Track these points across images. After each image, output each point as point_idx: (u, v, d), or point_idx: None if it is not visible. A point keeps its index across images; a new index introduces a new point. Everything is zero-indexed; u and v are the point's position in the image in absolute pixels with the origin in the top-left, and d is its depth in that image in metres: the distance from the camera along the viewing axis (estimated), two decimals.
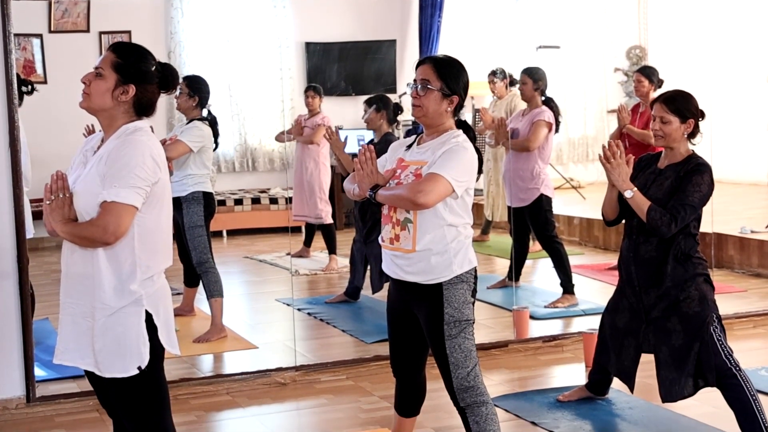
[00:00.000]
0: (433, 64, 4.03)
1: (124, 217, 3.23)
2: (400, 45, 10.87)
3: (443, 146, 3.98)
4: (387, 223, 4.09)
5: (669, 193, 4.59)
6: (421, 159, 4.03)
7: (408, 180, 3.98)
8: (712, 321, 4.59)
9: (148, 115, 3.46)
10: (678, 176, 4.61)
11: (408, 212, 3.98)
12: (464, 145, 3.99)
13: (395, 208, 4.03)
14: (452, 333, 4.01)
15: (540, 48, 10.53)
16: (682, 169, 4.62)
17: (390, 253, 4.09)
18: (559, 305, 7.44)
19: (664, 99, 4.68)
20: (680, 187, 4.56)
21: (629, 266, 4.76)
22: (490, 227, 10.07)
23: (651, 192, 4.64)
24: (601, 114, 12.23)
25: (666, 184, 4.62)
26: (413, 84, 4.03)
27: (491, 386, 5.60)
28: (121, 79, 3.36)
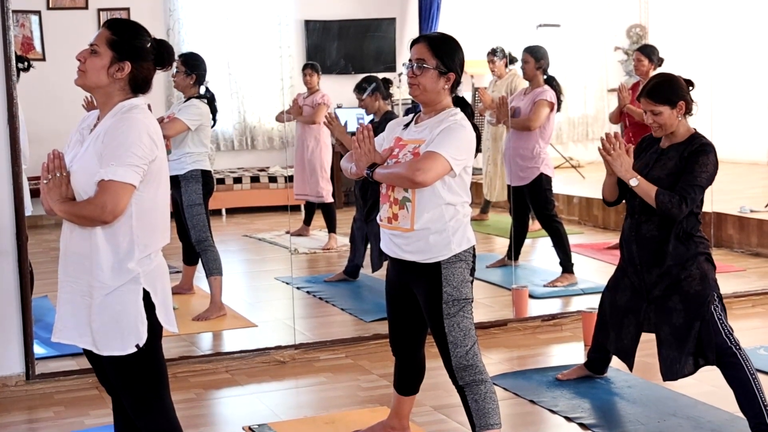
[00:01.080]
0: (428, 42, 4.02)
1: (122, 195, 3.22)
2: (400, 23, 10.85)
3: (441, 124, 3.97)
4: (385, 203, 4.08)
5: (672, 173, 4.57)
6: (419, 137, 4.02)
7: (406, 158, 3.97)
8: (713, 300, 4.59)
9: (144, 92, 3.44)
10: (682, 156, 4.60)
11: (406, 191, 3.97)
12: (462, 123, 3.98)
13: (393, 187, 4.02)
14: (451, 312, 4.01)
15: (540, 26, 10.50)
16: (686, 150, 4.60)
17: (388, 232, 4.08)
18: (558, 284, 7.44)
19: (648, 92, 4.63)
20: (687, 168, 4.55)
21: (631, 245, 4.76)
22: (489, 206, 10.07)
23: (654, 172, 4.63)
24: (601, 93, 12.21)
25: (669, 164, 4.61)
26: (409, 63, 4.02)
27: (490, 365, 5.61)
28: (116, 56, 3.34)
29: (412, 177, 3.86)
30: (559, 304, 7.18)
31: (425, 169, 3.86)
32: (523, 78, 7.77)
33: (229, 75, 10.45)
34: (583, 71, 12.14)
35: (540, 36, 10.05)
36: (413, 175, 3.86)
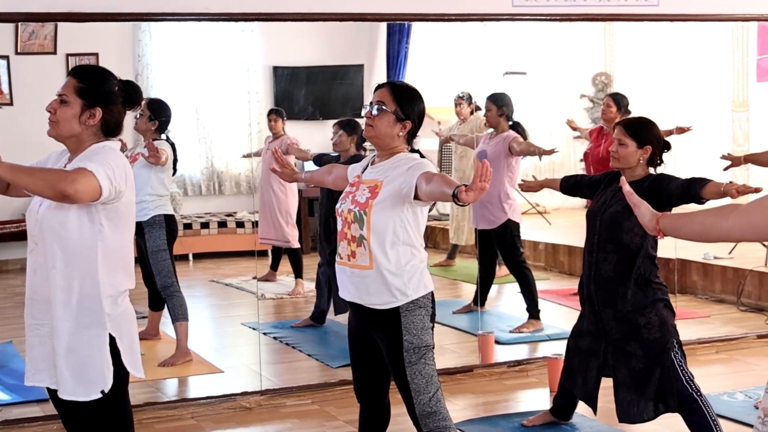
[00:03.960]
0: (391, 88, 4.11)
1: (88, 180, 3.17)
2: (368, 70, 10.93)
3: (398, 166, 4.01)
4: (342, 240, 4.10)
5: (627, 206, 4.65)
6: (374, 178, 4.06)
7: (363, 195, 4.01)
8: (673, 347, 4.64)
9: (116, 135, 3.47)
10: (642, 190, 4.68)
11: (361, 228, 4.00)
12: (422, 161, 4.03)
13: (350, 224, 4.04)
14: (412, 360, 4.02)
15: (507, 74, 10.62)
16: (646, 181, 4.71)
17: (347, 270, 4.09)
18: (525, 330, 7.47)
19: (625, 123, 4.84)
20: (662, 187, 4.64)
21: (589, 284, 4.83)
22: (457, 252, 10.11)
23: (612, 208, 4.73)
24: (567, 140, 12.32)
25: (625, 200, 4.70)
26: (369, 105, 4.08)
27: (456, 411, 5.62)
28: (86, 103, 3.37)
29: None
30: (525, 350, 7.21)
31: (442, 179, 3.84)
32: (486, 125, 7.84)
33: (197, 120, 10.50)
34: (549, 118, 12.26)
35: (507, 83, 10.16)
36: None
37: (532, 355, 7.03)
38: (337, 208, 4.14)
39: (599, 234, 4.78)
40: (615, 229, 4.69)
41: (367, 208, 3.95)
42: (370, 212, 3.94)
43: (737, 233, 2.59)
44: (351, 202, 4.04)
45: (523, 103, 10.72)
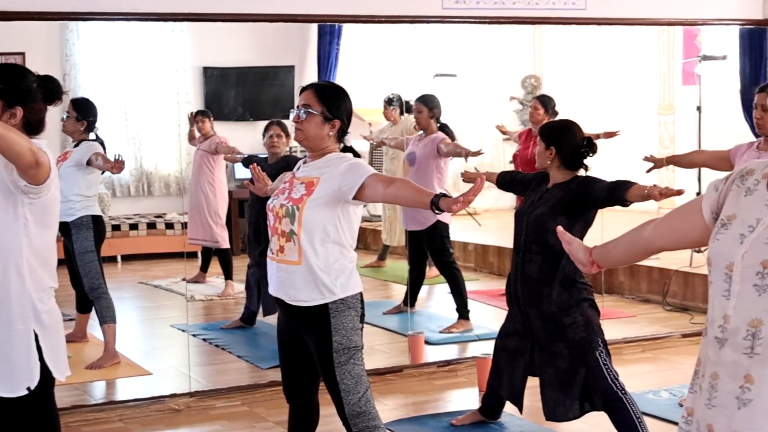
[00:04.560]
0: (315, 89, 4.11)
1: (44, 156, 3.19)
2: (299, 71, 10.90)
3: (332, 164, 4.02)
4: (273, 235, 4.11)
5: (554, 206, 4.73)
6: (309, 175, 4.08)
7: (299, 192, 4.01)
8: (598, 346, 4.70)
9: (39, 132, 3.43)
10: (567, 192, 4.75)
11: (292, 224, 4.00)
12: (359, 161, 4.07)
13: (280, 219, 4.05)
14: (341, 360, 4.03)
15: (437, 76, 10.65)
16: (572, 183, 4.78)
17: (276, 266, 4.09)
18: (454, 330, 7.52)
19: (543, 126, 4.97)
20: (587, 190, 4.70)
21: (516, 284, 4.88)
22: (387, 252, 10.14)
23: (539, 210, 4.79)
24: (497, 142, 12.40)
25: (552, 201, 4.78)
26: (296, 109, 4.09)
27: (386, 411, 5.63)
28: (5, 103, 3.33)
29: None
30: (455, 350, 7.25)
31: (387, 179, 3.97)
32: (416, 127, 7.86)
33: (125, 121, 10.40)
34: (479, 120, 12.33)
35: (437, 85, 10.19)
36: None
37: (461, 355, 7.07)
38: (268, 204, 4.15)
39: (526, 234, 4.84)
40: (541, 230, 4.75)
41: (300, 203, 3.96)
42: (303, 208, 3.95)
43: (660, 241, 2.62)
44: (285, 198, 4.04)
45: (454, 105, 10.78)
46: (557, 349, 4.74)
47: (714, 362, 2.24)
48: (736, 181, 2.35)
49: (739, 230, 2.23)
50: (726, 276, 2.23)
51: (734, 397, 2.18)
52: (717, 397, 2.23)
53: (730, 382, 2.19)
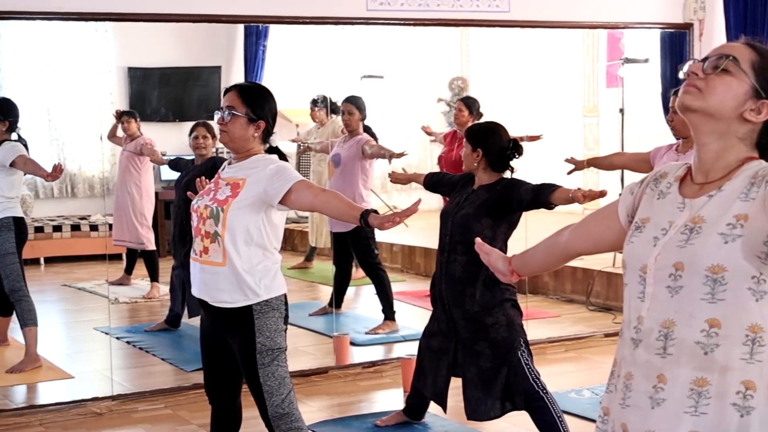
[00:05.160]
0: (239, 91, 4.10)
1: None
2: (225, 71, 10.84)
3: (258, 166, 4.01)
4: (197, 236, 4.09)
5: (480, 207, 4.77)
6: (234, 176, 4.06)
7: (224, 193, 4.00)
8: (520, 346, 4.75)
9: None
10: (493, 193, 4.79)
11: (216, 225, 3.99)
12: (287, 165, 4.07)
13: (205, 220, 4.03)
14: (265, 362, 4.03)
15: (364, 77, 10.66)
16: (498, 185, 4.81)
17: (199, 267, 4.07)
18: (380, 331, 7.53)
19: (468, 128, 5.02)
20: (513, 191, 4.73)
21: (440, 283, 4.91)
22: (314, 254, 10.12)
23: (464, 210, 4.81)
24: (424, 143, 12.43)
25: (478, 202, 4.81)
26: (220, 111, 4.07)
27: (310, 413, 5.64)
28: None
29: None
30: (380, 351, 7.27)
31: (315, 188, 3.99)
32: (345, 128, 7.85)
33: (49, 121, 10.25)
34: (406, 122, 12.36)
35: (364, 86, 10.21)
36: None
37: (387, 356, 7.09)
38: (192, 204, 4.13)
39: (450, 235, 4.87)
40: (465, 230, 4.78)
41: (225, 205, 3.95)
42: (227, 210, 3.94)
43: (577, 246, 2.63)
44: (210, 200, 4.03)
45: (381, 107, 10.79)
46: (480, 348, 4.78)
47: (629, 362, 2.27)
48: (650, 185, 2.38)
49: (652, 233, 2.26)
50: (640, 278, 2.25)
51: (648, 397, 2.20)
52: (631, 396, 2.25)
53: (644, 382, 2.21)
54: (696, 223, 2.18)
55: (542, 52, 10.64)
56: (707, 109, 2.21)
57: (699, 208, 2.20)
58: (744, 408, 2.11)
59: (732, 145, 2.22)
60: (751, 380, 2.12)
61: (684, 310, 2.16)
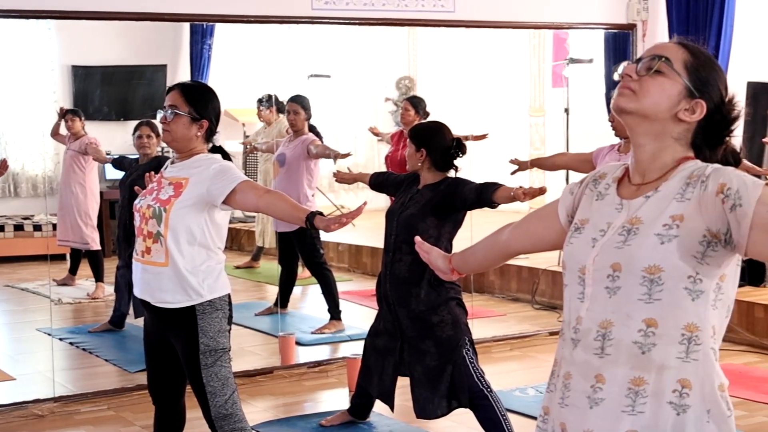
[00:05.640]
0: (182, 90, 4.09)
1: None
2: (171, 70, 10.74)
3: (201, 165, 3.99)
4: (139, 236, 4.06)
5: (425, 206, 4.78)
6: (177, 175, 4.04)
7: (167, 193, 3.97)
8: (465, 344, 4.76)
9: None
10: (437, 193, 4.80)
11: (159, 225, 3.96)
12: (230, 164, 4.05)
13: (147, 220, 4.00)
14: (208, 362, 4.01)
15: (311, 76, 10.64)
16: (442, 185, 4.82)
17: (141, 267, 4.04)
18: (326, 331, 7.52)
19: (412, 127, 5.01)
20: (456, 191, 4.74)
21: (385, 283, 4.92)
22: (261, 253, 10.08)
23: (409, 210, 4.82)
24: (371, 143, 12.44)
25: (422, 201, 4.82)
26: (162, 110, 4.05)
27: (255, 413, 5.62)
28: None
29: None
30: (326, 351, 7.26)
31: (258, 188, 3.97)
32: (290, 128, 7.83)
33: None
34: (353, 121, 12.35)
35: (311, 86, 10.18)
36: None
37: (333, 355, 7.09)
38: (135, 203, 4.10)
39: (396, 235, 4.87)
40: (410, 230, 4.78)
41: (168, 205, 3.93)
42: (170, 209, 3.91)
43: (517, 245, 2.64)
44: (152, 199, 4.00)
45: (328, 106, 10.78)
46: (426, 347, 4.79)
47: (568, 362, 2.28)
48: (590, 185, 2.39)
49: (591, 234, 2.27)
50: (579, 279, 2.26)
51: (586, 397, 2.22)
52: (570, 396, 2.26)
53: (582, 382, 2.23)
54: (633, 224, 2.19)
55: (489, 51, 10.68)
56: (642, 111, 2.23)
57: (636, 210, 2.22)
58: (680, 406, 2.13)
59: (667, 146, 2.24)
60: (687, 379, 2.14)
61: (621, 310, 2.17)
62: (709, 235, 2.12)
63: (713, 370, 2.18)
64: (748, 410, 5.79)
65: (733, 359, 6.92)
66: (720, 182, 2.12)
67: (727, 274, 2.18)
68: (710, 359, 2.18)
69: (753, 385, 6.32)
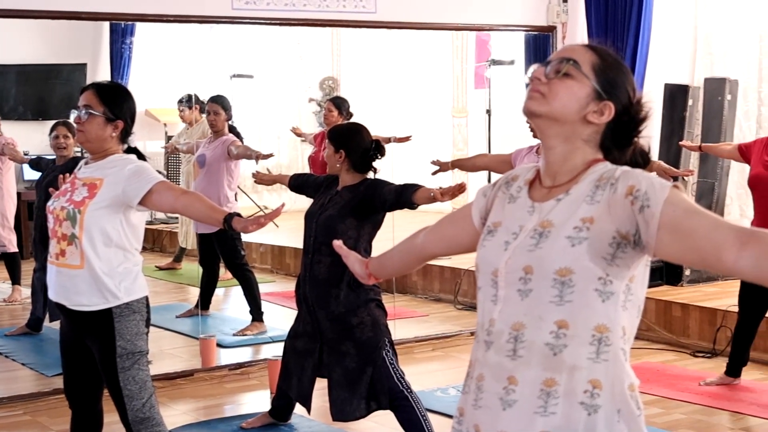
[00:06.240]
0: (96, 90, 4.04)
1: None
2: (91, 69, 10.60)
3: (116, 166, 3.95)
4: (54, 238, 4.00)
5: (344, 208, 4.78)
6: (91, 176, 3.99)
7: (81, 194, 3.91)
8: (385, 345, 4.77)
9: None
10: (357, 194, 4.80)
11: (73, 227, 3.91)
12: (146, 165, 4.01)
13: (61, 222, 3.94)
14: (125, 365, 3.96)
15: (234, 77, 10.58)
16: (361, 188, 4.82)
17: (56, 270, 3.98)
18: (248, 333, 7.49)
19: (330, 129, 5.02)
20: (375, 192, 4.74)
21: (305, 285, 4.91)
22: (184, 255, 10.00)
23: (328, 211, 4.82)
24: (295, 143, 12.40)
25: (341, 202, 4.82)
26: (76, 110, 4.00)
27: (175, 416, 5.57)
28: None
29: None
30: (248, 353, 7.22)
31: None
32: (210, 128, 7.77)
33: None
34: (276, 122, 12.30)
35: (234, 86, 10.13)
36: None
37: (255, 357, 7.05)
38: (48, 205, 4.03)
39: (315, 236, 4.86)
40: (329, 231, 4.77)
41: (82, 206, 3.88)
42: (84, 211, 3.86)
43: (432, 247, 2.64)
44: (66, 201, 3.94)
45: (251, 107, 10.73)
46: (345, 349, 4.78)
47: (481, 364, 2.29)
48: (502, 188, 2.39)
49: (504, 237, 2.28)
50: (492, 282, 2.27)
51: (498, 398, 2.22)
52: (483, 398, 2.27)
53: (495, 384, 2.23)
54: (545, 227, 2.21)
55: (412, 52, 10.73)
56: (551, 114, 2.25)
57: (547, 212, 2.23)
58: (591, 406, 2.15)
59: (577, 148, 2.26)
60: (598, 379, 2.16)
61: (533, 312, 2.18)
62: (618, 236, 2.14)
63: (623, 370, 2.19)
64: (665, 408, 5.88)
65: (650, 357, 7.02)
66: (629, 184, 2.14)
67: (637, 275, 2.20)
68: (620, 360, 2.19)
69: (670, 383, 6.41)
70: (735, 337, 6.33)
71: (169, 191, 3.90)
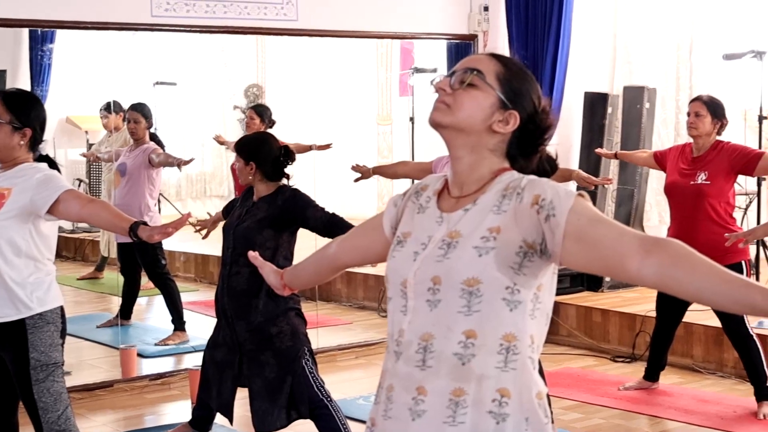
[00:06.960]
0: (2, 98, 3.99)
1: None
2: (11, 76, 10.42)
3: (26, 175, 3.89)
4: None
5: (262, 220, 4.76)
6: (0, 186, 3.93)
7: None
8: (304, 354, 4.76)
9: None
10: (275, 207, 4.77)
11: None
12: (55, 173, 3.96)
13: None
14: (40, 377, 3.91)
15: (157, 84, 10.49)
16: (278, 200, 4.79)
17: None
18: (170, 342, 7.43)
19: (238, 141, 4.97)
20: (296, 210, 4.72)
21: (223, 297, 4.88)
22: (105, 263, 9.88)
23: (245, 223, 4.81)
24: (219, 151, 12.30)
25: (259, 214, 4.80)
26: None
27: (93, 428, 5.51)
28: None
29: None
30: (170, 363, 7.16)
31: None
32: (131, 136, 7.69)
33: None
34: (200, 129, 12.22)
35: (157, 93, 10.05)
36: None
37: (177, 367, 7.00)
38: None
39: (233, 248, 4.84)
40: (248, 243, 4.74)
41: None
42: None
43: (344, 257, 2.64)
44: None
45: (175, 114, 10.65)
46: (265, 359, 4.77)
47: (391, 374, 2.29)
48: (412, 198, 2.40)
49: (413, 248, 2.28)
50: (402, 292, 2.27)
51: (407, 409, 2.22)
52: (392, 408, 2.27)
53: (404, 394, 2.23)
54: (453, 237, 2.21)
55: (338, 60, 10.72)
56: (457, 125, 2.26)
57: (456, 223, 2.24)
58: (499, 415, 2.16)
59: (484, 157, 2.27)
60: (506, 388, 2.17)
61: (442, 323, 2.19)
62: (525, 246, 2.15)
63: (531, 378, 2.21)
64: (586, 413, 5.95)
65: (571, 363, 7.09)
66: (535, 194, 2.16)
67: (544, 284, 2.22)
68: (528, 368, 2.21)
69: (590, 387, 6.49)
70: (653, 342, 6.42)
71: (75, 200, 3.85)
